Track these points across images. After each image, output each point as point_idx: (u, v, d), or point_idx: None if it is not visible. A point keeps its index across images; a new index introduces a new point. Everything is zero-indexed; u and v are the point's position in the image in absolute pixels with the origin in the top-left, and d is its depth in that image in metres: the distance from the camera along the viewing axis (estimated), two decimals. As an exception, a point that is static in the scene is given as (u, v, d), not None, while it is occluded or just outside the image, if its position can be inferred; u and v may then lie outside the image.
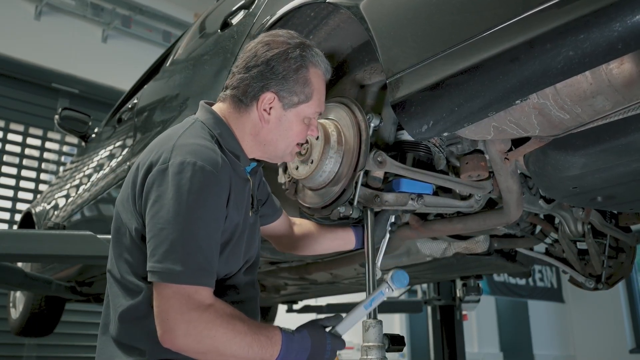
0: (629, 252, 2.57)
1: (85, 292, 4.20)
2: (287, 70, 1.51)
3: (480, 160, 1.79)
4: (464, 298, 5.11)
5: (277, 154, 1.59)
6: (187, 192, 1.33)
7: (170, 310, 1.28)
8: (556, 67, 1.10)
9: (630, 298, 11.75)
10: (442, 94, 1.31)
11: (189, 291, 1.29)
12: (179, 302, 1.27)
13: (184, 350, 1.30)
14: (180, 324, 1.27)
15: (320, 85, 1.58)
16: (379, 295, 1.53)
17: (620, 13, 0.99)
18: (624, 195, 1.74)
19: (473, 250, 2.37)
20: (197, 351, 1.30)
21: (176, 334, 1.27)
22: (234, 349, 1.30)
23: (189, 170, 1.34)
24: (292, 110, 1.54)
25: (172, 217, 1.31)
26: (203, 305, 1.29)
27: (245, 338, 1.31)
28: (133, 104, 3.40)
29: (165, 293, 1.29)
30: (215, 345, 1.29)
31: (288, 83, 1.52)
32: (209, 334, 1.28)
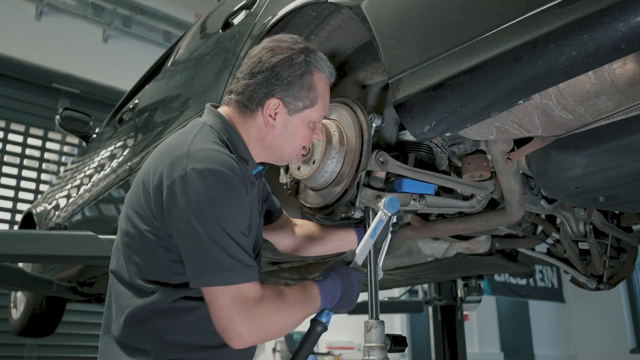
0: (630, 252, 2.57)
1: (86, 292, 4.20)
2: (292, 76, 1.52)
3: (483, 161, 1.79)
4: (465, 298, 5.11)
5: (283, 157, 1.60)
6: (213, 199, 1.34)
7: (232, 316, 1.31)
8: (559, 67, 1.09)
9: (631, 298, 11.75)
10: (445, 94, 1.31)
11: (243, 291, 1.33)
12: (238, 306, 1.31)
13: (254, 343, 1.38)
14: (246, 325, 1.32)
15: (324, 89, 1.59)
16: (379, 222, 1.65)
17: (624, 13, 0.99)
18: (626, 195, 1.74)
19: (474, 250, 2.37)
20: (265, 338, 1.38)
21: (244, 336, 1.32)
22: (292, 320, 1.40)
23: (209, 177, 1.35)
24: (297, 115, 1.55)
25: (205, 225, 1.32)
26: (257, 299, 1.34)
27: (297, 307, 1.41)
28: (134, 104, 3.39)
29: (222, 302, 1.32)
30: (277, 327, 1.37)
31: (293, 89, 1.52)
32: (269, 322, 1.35)
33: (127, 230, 1.50)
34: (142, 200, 1.45)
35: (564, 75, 1.11)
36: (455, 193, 1.99)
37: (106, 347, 1.49)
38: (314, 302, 1.45)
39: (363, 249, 1.62)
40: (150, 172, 1.44)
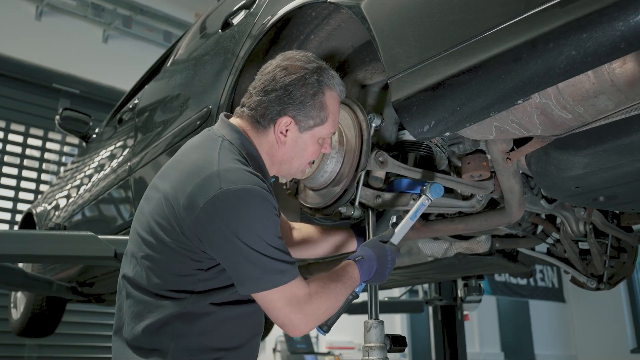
0: (630, 252, 2.57)
1: (86, 292, 4.19)
2: (304, 96, 1.55)
3: (482, 160, 1.79)
4: (465, 298, 5.10)
5: (291, 172, 1.66)
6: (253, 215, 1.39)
7: (289, 315, 1.42)
8: (559, 66, 1.09)
9: (632, 298, 11.75)
10: (444, 93, 1.31)
11: (292, 290, 1.42)
12: (292, 305, 1.41)
13: (311, 329, 1.48)
14: (301, 320, 1.42)
15: (335, 107, 1.62)
16: (420, 206, 1.71)
17: (623, 12, 0.98)
18: (626, 195, 1.74)
19: (475, 250, 2.36)
20: (318, 324, 1.51)
21: (302, 328, 1.44)
22: (338, 304, 1.52)
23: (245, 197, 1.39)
24: (308, 132, 1.59)
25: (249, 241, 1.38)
26: (305, 294, 1.43)
27: (341, 291, 1.51)
28: (134, 104, 3.39)
29: (277, 304, 1.41)
30: (327, 313, 1.49)
31: (305, 108, 1.55)
32: (320, 312, 1.46)
33: (149, 241, 1.51)
34: (168, 215, 1.46)
35: (564, 74, 1.11)
36: (455, 193, 1.99)
37: (119, 347, 1.52)
38: (354, 282, 1.55)
39: (402, 229, 1.70)
40: (178, 191, 1.45)
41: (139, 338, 1.48)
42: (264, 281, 1.39)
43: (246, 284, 1.41)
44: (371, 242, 1.66)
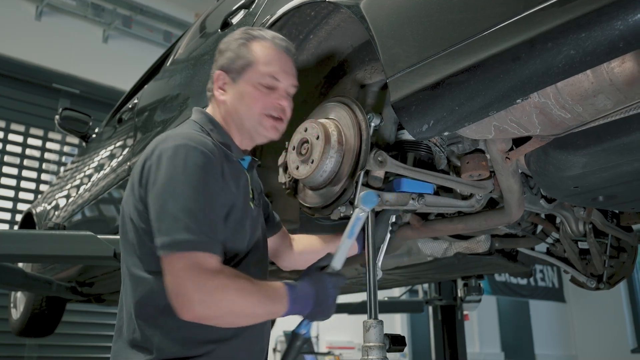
0: (630, 252, 2.57)
1: (86, 292, 4.20)
2: (230, 48, 1.65)
3: (481, 160, 1.79)
4: (465, 298, 5.11)
5: (246, 126, 1.64)
6: (183, 169, 1.39)
7: (183, 282, 1.30)
8: (557, 65, 1.09)
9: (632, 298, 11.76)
10: (443, 93, 1.31)
11: (198, 260, 1.32)
12: (190, 273, 1.30)
13: (203, 318, 1.33)
14: (195, 293, 1.29)
15: (264, 50, 1.64)
16: (356, 221, 1.63)
17: (622, 11, 0.98)
18: (625, 194, 1.74)
19: (474, 250, 2.36)
20: (215, 316, 1.34)
21: (193, 304, 1.30)
22: (247, 308, 1.36)
23: (182, 151, 1.42)
24: (241, 80, 1.63)
25: (171, 193, 1.36)
26: (213, 271, 1.33)
27: (256, 296, 1.37)
28: (133, 104, 3.39)
29: (176, 267, 1.32)
30: (230, 307, 1.33)
31: (230, 55, 1.64)
32: (223, 297, 1.32)
33: (123, 225, 1.54)
34: (130, 193, 1.50)
35: (562, 74, 1.11)
36: (455, 192, 1.99)
37: (118, 350, 1.50)
38: (279, 301, 1.41)
39: (340, 251, 1.60)
40: (136, 165, 1.51)
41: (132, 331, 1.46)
42: (167, 240, 1.33)
43: (156, 241, 1.35)
44: (307, 270, 1.56)
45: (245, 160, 1.68)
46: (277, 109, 1.64)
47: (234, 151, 1.61)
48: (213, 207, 1.40)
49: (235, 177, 1.56)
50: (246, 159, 1.68)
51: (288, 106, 1.67)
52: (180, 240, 1.32)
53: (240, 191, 1.57)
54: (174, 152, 1.41)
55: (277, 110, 1.64)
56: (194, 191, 1.36)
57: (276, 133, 1.66)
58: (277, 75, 1.64)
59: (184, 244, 1.32)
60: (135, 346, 1.45)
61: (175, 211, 1.34)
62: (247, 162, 1.68)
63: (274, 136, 1.68)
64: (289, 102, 1.68)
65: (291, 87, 1.68)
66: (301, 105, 2.18)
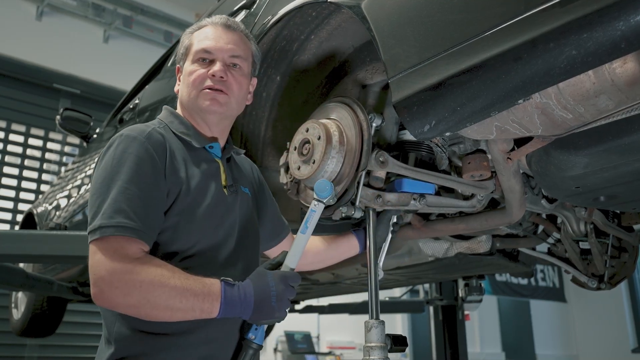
0: (631, 252, 2.56)
1: (87, 292, 4.19)
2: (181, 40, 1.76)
3: (483, 160, 1.79)
4: (466, 298, 5.10)
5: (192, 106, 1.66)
6: (112, 158, 1.42)
7: (96, 265, 1.30)
8: (559, 66, 1.09)
9: (633, 298, 11.75)
10: (444, 93, 1.31)
11: (115, 245, 1.31)
12: (104, 256, 1.29)
13: (116, 305, 1.30)
14: (105, 276, 1.28)
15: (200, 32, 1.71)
16: (310, 214, 1.57)
17: (624, 12, 0.98)
18: (626, 194, 1.74)
19: (475, 250, 2.36)
20: (128, 304, 1.29)
21: (103, 288, 1.28)
22: (165, 299, 1.28)
23: (116, 141, 1.47)
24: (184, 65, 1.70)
25: (99, 184, 1.39)
26: (129, 257, 1.30)
27: (176, 287, 1.29)
28: (134, 104, 3.39)
29: (92, 250, 1.32)
30: (144, 296, 1.27)
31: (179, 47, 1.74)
32: (134, 284, 1.27)
33: None
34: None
35: (564, 74, 1.11)
36: (456, 193, 1.99)
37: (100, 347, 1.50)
38: (208, 299, 1.32)
39: (295, 247, 1.54)
40: None
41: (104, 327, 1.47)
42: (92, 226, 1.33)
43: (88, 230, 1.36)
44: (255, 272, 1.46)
45: (215, 148, 1.66)
46: (214, 80, 1.62)
47: (194, 139, 1.61)
48: (141, 191, 1.39)
49: (196, 163, 1.56)
50: (215, 147, 1.66)
51: (231, 78, 1.64)
52: (100, 225, 1.32)
53: (201, 177, 1.55)
54: (110, 144, 1.47)
55: (214, 81, 1.62)
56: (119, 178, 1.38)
57: (217, 105, 1.62)
58: (209, 47, 1.65)
59: (103, 229, 1.32)
60: (107, 341, 1.45)
61: (100, 200, 1.36)
62: (217, 150, 1.67)
63: (218, 108, 1.63)
64: (231, 75, 1.65)
65: (229, 57, 1.67)
66: (302, 105, 2.18)
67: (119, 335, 1.40)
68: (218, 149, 1.67)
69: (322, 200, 1.58)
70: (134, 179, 1.38)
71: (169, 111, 1.70)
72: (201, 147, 1.62)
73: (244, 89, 1.70)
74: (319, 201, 1.58)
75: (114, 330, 1.42)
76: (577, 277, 2.58)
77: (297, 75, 2.10)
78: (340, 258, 1.97)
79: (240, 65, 1.68)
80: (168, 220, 1.46)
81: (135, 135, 1.46)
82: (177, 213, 1.48)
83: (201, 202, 1.52)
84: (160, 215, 1.43)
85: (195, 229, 1.50)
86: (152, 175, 1.42)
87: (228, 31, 1.70)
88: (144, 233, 1.36)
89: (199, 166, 1.56)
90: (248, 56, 1.72)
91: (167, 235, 1.45)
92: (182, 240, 1.48)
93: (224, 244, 1.57)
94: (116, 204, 1.34)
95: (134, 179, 1.38)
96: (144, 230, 1.36)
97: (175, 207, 1.47)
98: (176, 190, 1.48)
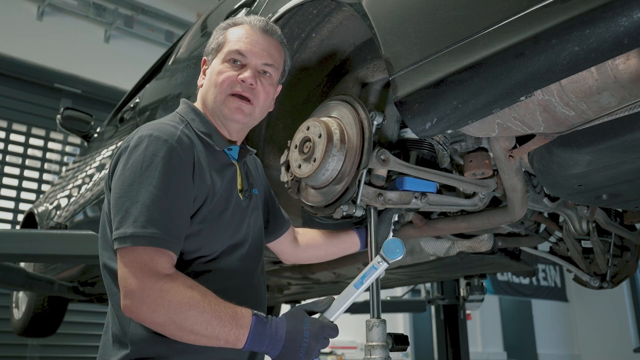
0: (634, 251, 2.56)
1: (88, 292, 4.20)
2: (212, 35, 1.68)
3: (484, 158, 1.78)
4: (467, 297, 5.10)
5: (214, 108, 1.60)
6: (142, 160, 1.37)
7: (128, 277, 1.28)
8: (561, 62, 1.08)
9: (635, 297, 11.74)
10: (446, 90, 1.30)
11: (145, 257, 1.29)
12: (135, 269, 1.27)
13: (142, 319, 1.28)
14: (136, 291, 1.26)
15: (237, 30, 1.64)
16: (370, 270, 1.46)
17: (627, 7, 0.97)
18: (629, 193, 1.73)
19: (477, 249, 2.35)
20: (154, 321, 1.27)
21: (132, 301, 1.26)
22: (191, 323, 1.25)
23: (144, 142, 1.40)
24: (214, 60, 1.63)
25: (127, 186, 1.34)
26: (159, 273, 1.28)
27: (203, 313, 1.26)
28: (135, 103, 3.39)
29: (124, 260, 1.30)
30: (170, 316, 1.25)
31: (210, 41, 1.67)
32: (162, 303, 1.25)
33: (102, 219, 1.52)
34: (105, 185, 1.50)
35: (566, 71, 1.10)
36: (457, 191, 1.98)
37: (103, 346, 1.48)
38: (233, 328, 1.28)
39: (341, 300, 1.44)
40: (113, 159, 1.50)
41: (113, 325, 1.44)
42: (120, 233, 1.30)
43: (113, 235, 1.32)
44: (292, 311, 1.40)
45: (233, 150, 1.62)
46: (243, 86, 1.57)
47: (217, 141, 1.56)
48: (172, 199, 1.35)
49: (217, 168, 1.52)
50: (234, 149, 1.62)
51: (259, 87, 1.59)
52: (132, 234, 1.29)
53: (223, 182, 1.52)
54: (137, 143, 1.40)
55: (243, 88, 1.57)
56: (150, 184, 1.34)
57: (241, 115, 1.58)
58: (244, 50, 1.59)
59: (136, 238, 1.29)
60: (117, 341, 1.42)
61: (129, 205, 1.32)
62: (235, 152, 1.63)
63: (242, 118, 1.58)
64: (261, 84, 1.59)
65: (263, 65, 1.61)
66: (303, 104, 2.17)
67: (135, 337, 1.38)
68: (236, 152, 1.63)
69: (388, 261, 1.46)
70: (166, 186, 1.35)
71: (189, 107, 1.62)
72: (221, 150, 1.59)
73: (270, 98, 1.65)
74: (385, 261, 1.46)
75: (129, 330, 1.39)
76: (579, 276, 2.58)
77: (298, 73, 2.10)
78: (340, 254, 1.97)
79: (271, 74, 1.63)
80: (192, 228, 1.44)
81: (166, 138, 1.40)
82: (201, 220, 1.46)
83: (223, 209, 1.51)
84: (187, 224, 1.41)
85: (217, 237, 1.50)
86: (182, 183, 1.39)
87: (265, 36, 1.63)
88: (174, 244, 1.34)
89: (221, 171, 1.53)
90: (280, 65, 1.67)
91: (189, 243, 1.43)
92: (205, 248, 1.47)
93: (238, 249, 1.57)
94: (149, 212, 1.31)
95: (165, 186, 1.35)
96: (175, 242, 1.34)
97: (199, 214, 1.46)
98: (202, 197, 1.46)
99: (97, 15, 8.27)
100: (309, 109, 1.98)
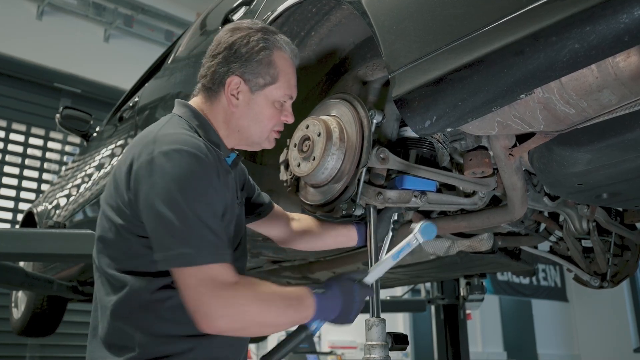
0: (634, 250, 2.55)
1: (87, 291, 4.19)
2: (249, 52, 1.52)
3: (484, 157, 1.78)
4: (467, 297, 5.10)
5: (253, 140, 1.59)
6: (178, 177, 1.32)
7: (201, 297, 1.27)
8: (561, 60, 1.08)
9: (635, 297, 11.74)
10: (445, 88, 1.29)
11: (211, 273, 1.28)
12: (206, 287, 1.27)
13: (226, 331, 1.30)
14: (214, 308, 1.26)
15: (286, 67, 1.58)
16: (406, 246, 1.60)
17: (627, 5, 0.97)
18: (629, 192, 1.73)
19: (477, 248, 2.35)
20: (238, 328, 1.31)
21: (213, 318, 1.27)
22: (271, 318, 1.34)
23: (175, 156, 1.34)
24: (260, 93, 1.55)
25: (169, 204, 1.30)
26: (229, 283, 1.29)
27: (279, 306, 1.35)
28: (134, 102, 3.38)
29: (190, 282, 1.28)
30: (252, 318, 1.31)
31: (251, 64, 1.52)
32: (243, 309, 1.28)
33: (102, 225, 1.49)
34: (113, 192, 1.45)
35: (567, 68, 1.09)
36: (457, 190, 1.98)
37: (93, 349, 1.46)
38: (304, 311, 1.40)
39: (380, 268, 1.57)
40: (121, 164, 1.45)
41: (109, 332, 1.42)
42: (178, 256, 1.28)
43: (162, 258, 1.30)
44: (339, 277, 1.51)
45: (230, 157, 1.61)
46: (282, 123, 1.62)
47: (223, 150, 1.56)
48: (214, 213, 1.36)
49: (224, 177, 1.51)
50: (231, 156, 1.62)
51: None
52: (187, 254, 1.28)
53: (229, 192, 1.53)
54: (168, 158, 1.34)
55: (282, 125, 1.62)
56: (191, 200, 1.31)
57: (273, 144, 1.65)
58: (293, 94, 1.62)
59: (192, 257, 1.28)
60: (113, 346, 1.41)
61: (177, 224, 1.29)
62: (231, 159, 1.62)
63: (271, 147, 1.65)
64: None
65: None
66: (302, 102, 2.17)
67: (142, 338, 1.38)
68: (232, 159, 1.62)
69: (420, 241, 1.62)
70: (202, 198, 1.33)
71: (191, 112, 1.56)
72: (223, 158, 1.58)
73: None
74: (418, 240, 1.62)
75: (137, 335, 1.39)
76: (579, 276, 2.58)
77: (297, 72, 2.09)
78: (335, 246, 1.95)
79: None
80: None
81: (195, 152, 1.36)
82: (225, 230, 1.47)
83: (229, 218, 1.52)
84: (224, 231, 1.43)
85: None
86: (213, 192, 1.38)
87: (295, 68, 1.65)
88: (228, 253, 1.35)
89: (227, 180, 1.53)
90: None
91: None
92: None
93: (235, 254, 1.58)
94: (202, 229, 1.30)
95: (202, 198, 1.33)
96: (228, 250, 1.35)
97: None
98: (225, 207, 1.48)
99: (97, 14, 8.28)
100: (309, 107, 1.97)
